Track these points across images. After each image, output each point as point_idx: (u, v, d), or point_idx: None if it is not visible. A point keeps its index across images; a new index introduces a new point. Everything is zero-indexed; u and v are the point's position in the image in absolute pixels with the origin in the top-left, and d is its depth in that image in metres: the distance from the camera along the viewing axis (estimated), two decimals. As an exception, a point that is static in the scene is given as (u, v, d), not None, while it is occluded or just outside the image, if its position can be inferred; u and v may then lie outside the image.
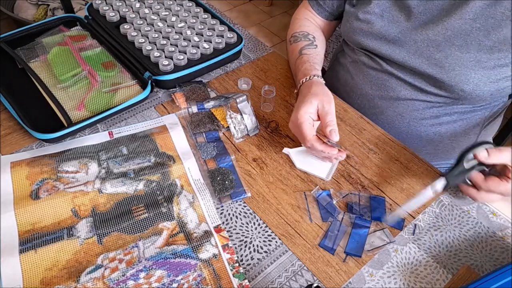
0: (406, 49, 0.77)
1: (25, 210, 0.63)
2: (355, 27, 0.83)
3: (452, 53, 0.72)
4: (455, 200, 0.70)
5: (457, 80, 0.73)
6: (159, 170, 0.70)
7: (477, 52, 0.70)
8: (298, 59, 0.82)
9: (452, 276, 0.61)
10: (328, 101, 0.68)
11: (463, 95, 0.74)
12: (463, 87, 0.73)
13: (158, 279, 0.57)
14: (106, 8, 0.93)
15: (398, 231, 0.66)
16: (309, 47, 0.84)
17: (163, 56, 0.84)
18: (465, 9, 0.70)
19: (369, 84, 0.85)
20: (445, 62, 0.73)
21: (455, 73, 0.72)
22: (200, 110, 0.80)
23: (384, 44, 0.79)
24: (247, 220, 0.65)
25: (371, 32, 0.80)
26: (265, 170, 0.72)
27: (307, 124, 0.66)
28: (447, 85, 0.74)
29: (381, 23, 0.78)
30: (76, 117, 0.73)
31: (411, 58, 0.76)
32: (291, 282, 0.59)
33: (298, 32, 0.89)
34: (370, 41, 0.81)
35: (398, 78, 0.81)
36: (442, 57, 0.73)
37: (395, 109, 0.84)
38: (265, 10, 2.76)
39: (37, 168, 0.68)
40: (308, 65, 0.78)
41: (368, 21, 0.80)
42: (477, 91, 0.73)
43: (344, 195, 0.69)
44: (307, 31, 0.89)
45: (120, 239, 0.61)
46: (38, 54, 0.84)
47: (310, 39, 0.87)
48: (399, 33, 0.77)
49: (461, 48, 0.71)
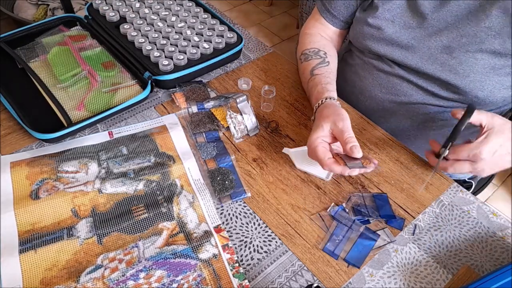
0: (419, 55, 0.76)
1: (25, 210, 0.62)
2: (365, 33, 0.81)
3: (467, 60, 0.72)
4: (454, 199, 0.70)
5: (472, 87, 0.72)
6: (159, 170, 0.70)
7: (491, 59, 0.70)
8: (310, 81, 0.79)
9: (452, 276, 0.61)
10: (340, 119, 0.65)
11: (477, 101, 0.74)
12: (477, 93, 0.73)
13: (158, 279, 0.57)
14: (106, 8, 0.93)
15: (398, 231, 0.65)
16: (321, 65, 0.81)
17: (163, 56, 0.84)
18: (481, 17, 0.69)
19: (379, 87, 0.84)
20: (459, 68, 0.72)
21: (469, 80, 0.72)
22: (200, 110, 0.80)
23: (396, 50, 0.78)
24: (247, 220, 0.65)
25: (382, 37, 0.79)
26: (265, 170, 0.72)
27: (320, 148, 0.64)
28: (462, 91, 0.74)
29: (393, 29, 0.77)
30: (76, 117, 0.73)
31: (424, 64, 0.76)
32: (291, 282, 0.59)
33: (309, 50, 0.86)
34: (381, 47, 0.80)
35: (411, 82, 0.80)
36: (457, 63, 0.72)
37: (406, 113, 0.83)
38: (265, 10, 2.75)
39: (37, 168, 0.68)
40: (320, 87, 0.75)
41: (379, 26, 0.78)
42: (490, 97, 0.73)
43: (347, 199, 0.69)
44: (317, 47, 0.86)
45: (120, 239, 0.61)
46: (38, 54, 0.84)
47: (321, 56, 0.84)
48: (412, 39, 0.76)
49: (475, 55, 0.71)
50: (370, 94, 0.86)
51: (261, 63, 0.93)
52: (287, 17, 2.70)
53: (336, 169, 0.62)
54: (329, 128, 0.65)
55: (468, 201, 0.70)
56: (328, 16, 0.89)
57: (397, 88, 0.82)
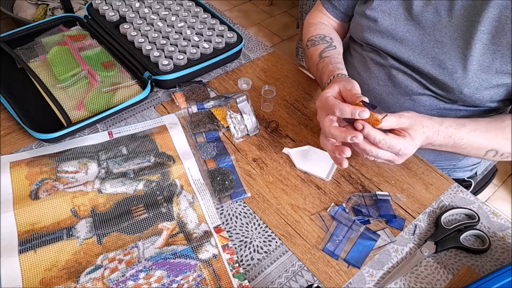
0: (412, 48, 0.77)
1: (25, 210, 0.62)
2: (362, 24, 0.83)
3: (456, 55, 0.72)
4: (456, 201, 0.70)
5: (458, 83, 0.72)
6: (159, 170, 0.70)
7: (480, 55, 0.70)
8: (320, 63, 0.81)
9: (453, 276, 0.61)
10: (349, 82, 0.65)
11: (463, 97, 0.74)
12: (463, 90, 0.73)
13: (157, 280, 0.57)
14: (105, 7, 0.93)
15: (399, 231, 0.65)
16: (329, 49, 0.84)
17: (162, 55, 0.84)
18: (473, 12, 0.70)
19: (376, 80, 0.85)
20: (448, 63, 0.73)
21: (457, 76, 0.72)
22: (200, 110, 0.80)
23: (390, 42, 0.79)
24: (247, 220, 0.65)
25: (378, 30, 0.80)
26: (265, 170, 0.72)
27: (331, 97, 0.63)
28: (449, 87, 0.74)
29: (389, 21, 0.79)
30: (75, 117, 0.73)
31: (416, 58, 0.76)
32: (291, 282, 0.59)
33: (315, 36, 0.88)
34: (376, 39, 0.81)
35: (405, 73, 0.81)
36: (446, 58, 0.73)
37: (402, 105, 0.84)
38: (265, 9, 2.75)
39: (36, 168, 0.68)
40: (331, 67, 0.77)
41: (375, 18, 0.80)
42: (476, 94, 0.73)
43: (347, 200, 0.68)
44: (323, 33, 0.88)
45: (120, 239, 0.61)
46: (38, 54, 0.84)
47: (327, 41, 0.86)
48: (407, 32, 0.77)
49: (464, 51, 0.71)
50: (368, 88, 0.87)
51: (261, 63, 0.93)
52: (287, 17, 2.70)
53: (346, 109, 0.59)
54: (338, 88, 0.65)
55: (469, 201, 0.70)
56: (329, 7, 0.92)
57: (393, 80, 0.83)
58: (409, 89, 0.81)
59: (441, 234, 0.64)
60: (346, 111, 0.59)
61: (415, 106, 0.82)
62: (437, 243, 0.63)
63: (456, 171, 0.94)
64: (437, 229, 0.65)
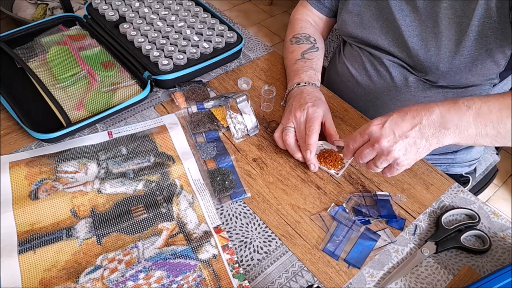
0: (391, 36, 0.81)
1: (24, 211, 0.62)
2: (346, 20, 0.86)
3: (428, 36, 0.75)
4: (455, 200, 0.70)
5: (433, 60, 0.75)
6: (159, 170, 0.69)
7: (448, 30, 0.73)
8: (301, 61, 0.85)
9: (453, 276, 0.61)
10: (329, 113, 0.76)
11: (439, 73, 0.77)
12: (438, 65, 0.75)
13: (157, 280, 0.57)
14: (105, 7, 0.93)
15: (399, 231, 0.65)
16: (311, 50, 0.88)
17: (162, 55, 0.84)
18: None
19: (364, 71, 0.89)
20: (421, 44, 0.76)
21: (430, 54, 0.76)
22: (200, 110, 0.79)
23: (372, 33, 0.83)
24: (247, 220, 0.65)
25: (361, 22, 0.84)
26: (265, 170, 0.72)
27: (315, 134, 0.71)
28: (426, 67, 0.77)
29: (370, 12, 0.82)
30: (75, 117, 0.73)
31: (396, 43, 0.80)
32: (291, 282, 0.59)
33: (300, 34, 0.92)
34: (360, 31, 0.85)
35: (390, 61, 0.84)
36: (419, 40, 0.76)
37: (389, 93, 0.86)
38: (265, 9, 2.75)
39: (36, 168, 0.68)
40: (312, 72, 0.83)
41: (358, 12, 0.84)
42: (454, 69, 0.75)
43: (348, 200, 0.68)
44: (308, 33, 0.92)
45: (120, 239, 0.61)
46: (37, 54, 0.84)
47: (311, 42, 0.90)
48: (385, 20, 0.80)
49: (434, 29, 0.74)
50: (357, 80, 0.91)
51: (261, 62, 0.93)
52: (287, 17, 2.69)
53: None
54: (323, 114, 0.73)
55: (469, 201, 0.70)
56: (314, 2, 0.95)
57: (378, 69, 0.86)
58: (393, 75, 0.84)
59: (442, 234, 0.64)
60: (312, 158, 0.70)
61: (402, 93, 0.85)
62: (438, 243, 0.63)
63: (454, 166, 0.94)
64: (438, 229, 0.65)
